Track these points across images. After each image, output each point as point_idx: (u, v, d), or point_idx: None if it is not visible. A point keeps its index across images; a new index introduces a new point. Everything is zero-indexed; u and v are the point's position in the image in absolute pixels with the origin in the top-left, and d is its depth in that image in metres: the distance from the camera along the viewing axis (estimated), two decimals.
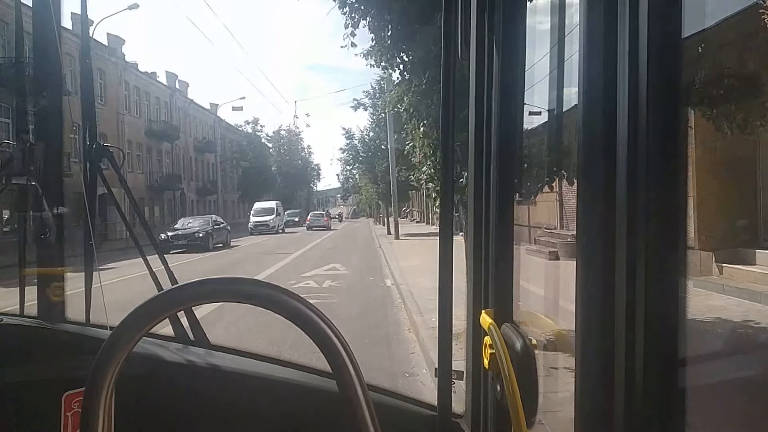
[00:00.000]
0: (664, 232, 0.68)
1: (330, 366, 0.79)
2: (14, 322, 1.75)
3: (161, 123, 43.27)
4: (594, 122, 0.76)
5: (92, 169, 1.84)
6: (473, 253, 1.41)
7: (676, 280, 0.69)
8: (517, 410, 1.02)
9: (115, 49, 35.70)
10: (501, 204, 1.26)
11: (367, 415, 0.79)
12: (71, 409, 1.48)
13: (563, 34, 1.28)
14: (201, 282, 0.82)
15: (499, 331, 1.18)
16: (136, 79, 39.77)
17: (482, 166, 1.34)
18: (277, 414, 1.53)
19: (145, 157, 40.83)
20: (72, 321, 1.81)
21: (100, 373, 0.78)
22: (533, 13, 1.37)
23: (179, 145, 46.35)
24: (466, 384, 1.49)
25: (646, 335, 0.68)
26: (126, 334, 0.79)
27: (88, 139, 1.84)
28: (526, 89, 1.46)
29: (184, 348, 1.76)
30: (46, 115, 1.86)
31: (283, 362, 1.72)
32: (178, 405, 1.53)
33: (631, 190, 0.69)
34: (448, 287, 1.49)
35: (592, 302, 0.76)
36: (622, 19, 0.70)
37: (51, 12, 1.79)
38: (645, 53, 0.67)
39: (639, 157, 0.68)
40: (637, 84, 0.68)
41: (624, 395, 0.70)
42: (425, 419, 1.54)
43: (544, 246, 10.07)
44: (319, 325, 0.79)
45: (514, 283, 1.30)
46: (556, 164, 2.95)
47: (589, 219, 0.78)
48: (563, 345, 2.35)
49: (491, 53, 1.29)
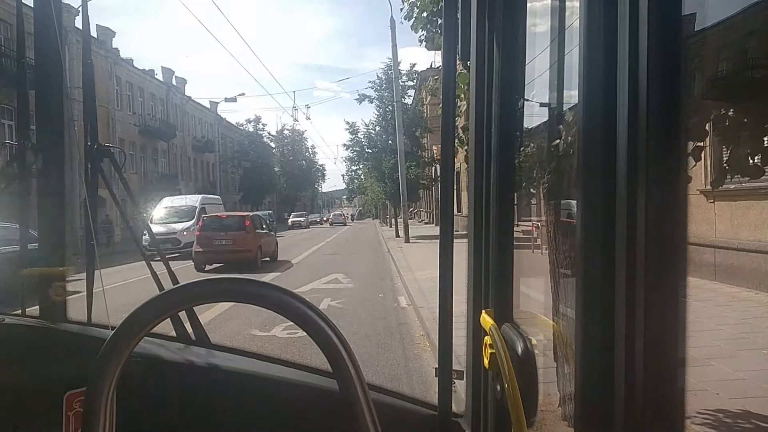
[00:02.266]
0: (664, 232, 0.68)
1: (330, 365, 0.80)
2: (16, 322, 1.76)
3: (157, 121, 41.79)
4: (594, 122, 0.76)
5: (93, 169, 1.84)
6: (473, 253, 1.41)
7: (676, 280, 0.69)
8: (517, 410, 1.02)
9: (105, 42, 34.62)
10: (501, 204, 1.27)
11: (368, 414, 0.79)
12: (73, 409, 1.49)
13: (563, 34, 1.28)
14: (201, 282, 0.82)
15: (499, 331, 1.19)
16: (128, 75, 38.57)
17: (482, 166, 1.35)
18: (277, 413, 1.53)
19: (139, 156, 39.41)
20: (73, 321, 1.81)
21: (102, 373, 0.78)
22: (533, 12, 1.37)
23: (176, 144, 45.28)
24: (466, 384, 1.49)
25: (646, 335, 0.68)
26: (127, 333, 0.80)
27: (89, 139, 1.84)
28: (526, 87, 1.47)
29: (185, 348, 1.76)
30: (47, 116, 1.86)
31: (284, 362, 1.72)
32: (179, 404, 1.54)
33: (630, 190, 0.69)
34: (448, 287, 1.49)
35: (592, 302, 0.76)
36: (622, 19, 0.70)
37: (52, 13, 1.79)
38: (645, 53, 0.67)
39: (639, 157, 0.68)
40: (637, 84, 0.68)
41: (624, 395, 0.70)
42: (425, 419, 1.54)
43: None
44: (319, 325, 0.79)
45: (515, 283, 1.30)
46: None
47: (589, 219, 0.78)
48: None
49: (491, 53, 1.29)
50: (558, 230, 3.01)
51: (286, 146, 68.82)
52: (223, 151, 57.28)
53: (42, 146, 1.86)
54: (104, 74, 34.06)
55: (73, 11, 17.41)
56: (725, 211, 6.93)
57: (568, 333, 1.75)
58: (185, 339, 1.78)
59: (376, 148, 32.19)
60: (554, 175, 2.28)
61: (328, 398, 1.45)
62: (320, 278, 13.12)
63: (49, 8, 1.80)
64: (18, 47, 2.08)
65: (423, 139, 31.92)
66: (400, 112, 25.77)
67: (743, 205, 6.62)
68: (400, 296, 10.45)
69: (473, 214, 1.41)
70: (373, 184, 36.62)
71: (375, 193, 38.42)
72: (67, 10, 16.58)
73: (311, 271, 15.01)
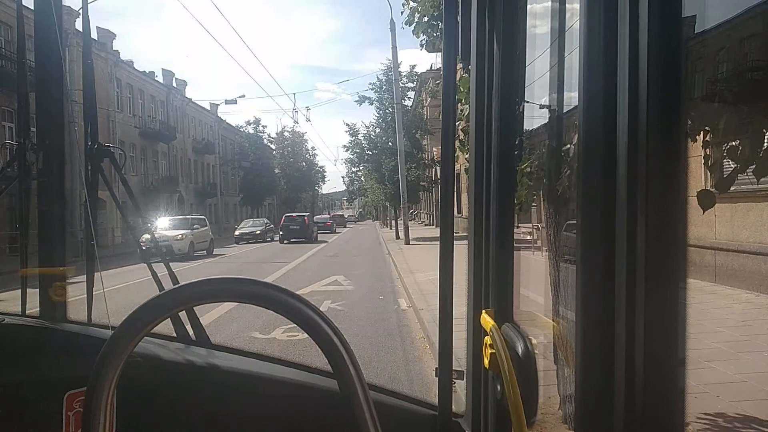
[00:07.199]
0: (664, 232, 0.68)
1: (331, 365, 0.80)
2: (16, 322, 1.76)
3: (157, 123, 41.92)
4: (594, 124, 0.76)
5: (93, 169, 1.84)
6: (473, 253, 1.41)
7: (676, 281, 0.69)
8: (517, 410, 1.02)
9: (105, 44, 34.78)
10: (501, 204, 1.27)
11: (368, 414, 0.79)
12: (73, 409, 1.49)
13: (563, 34, 1.29)
14: (201, 282, 0.82)
15: (499, 331, 1.19)
16: (129, 77, 38.69)
17: (482, 166, 1.35)
18: (278, 414, 1.53)
19: (139, 158, 39.54)
20: (74, 321, 1.81)
21: (102, 373, 0.78)
22: (533, 14, 1.38)
23: (177, 146, 45.39)
24: (467, 384, 1.49)
25: (646, 335, 0.68)
26: (127, 333, 0.80)
27: (89, 139, 1.84)
28: (526, 89, 1.47)
29: (185, 348, 1.76)
30: (48, 116, 1.86)
31: (284, 362, 1.72)
32: (179, 405, 1.54)
33: (630, 191, 0.69)
34: (449, 288, 1.49)
35: (592, 302, 0.76)
36: (622, 19, 0.70)
37: (53, 15, 1.80)
38: (645, 53, 0.68)
39: (639, 157, 0.68)
40: (637, 84, 0.69)
41: (624, 395, 0.70)
42: (425, 419, 1.54)
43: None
44: (319, 325, 0.80)
45: (515, 283, 1.30)
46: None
47: (589, 219, 0.78)
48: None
49: (491, 53, 1.29)
50: (558, 231, 3.01)
51: (287, 148, 68.75)
52: (224, 153, 57.31)
53: (42, 147, 1.86)
54: (105, 76, 34.10)
55: (73, 13, 17.41)
56: (725, 212, 6.92)
57: (568, 334, 1.75)
58: (185, 339, 1.78)
59: (376, 150, 32.20)
60: (555, 177, 2.28)
61: (328, 398, 1.45)
62: (320, 280, 13.10)
63: (49, 10, 1.81)
64: (18, 49, 2.08)
65: (423, 141, 31.91)
66: (400, 114, 25.76)
67: (743, 207, 6.62)
68: (401, 298, 10.38)
69: (473, 213, 1.41)
70: (374, 185, 36.39)
71: (375, 195, 38.00)
72: (67, 12, 16.57)
73: (311, 273, 14.96)
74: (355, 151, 33.94)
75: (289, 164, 67.54)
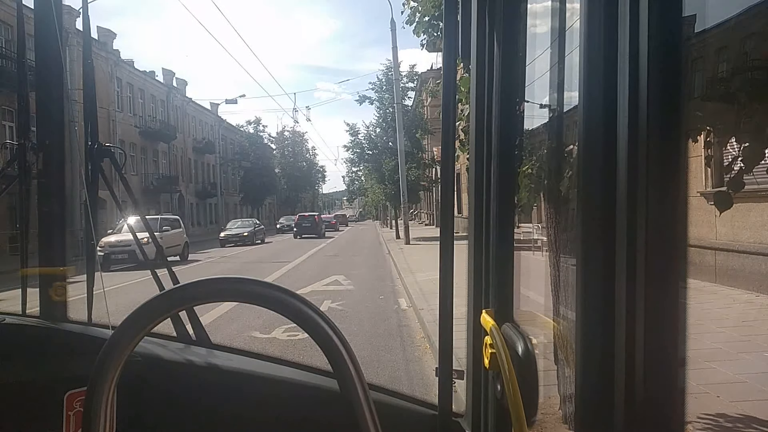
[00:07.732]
0: (664, 233, 0.68)
1: (331, 365, 0.80)
2: (16, 322, 1.76)
3: (157, 122, 41.93)
4: (594, 122, 0.76)
5: (93, 169, 1.84)
6: (474, 253, 1.41)
7: (676, 281, 0.69)
8: (517, 410, 1.02)
9: (106, 44, 34.80)
10: (501, 204, 1.27)
11: (368, 414, 0.79)
12: (73, 409, 1.49)
13: (564, 34, 1.28)
14: (202, 282, 0.82)
15: (499, 331, 1.19)
16: (129, 76, 38.71)
17: (482, 166, 1.35)
18: (278, 413, 1.53)
19: (139, 157, 39.56)
20: (74, 321, 1.81)
21: (102, 373, 0.78)
22: (534, 14, 1.38)
23: (177, 146, 45.43)
24: (467, 384, 1.49)
25: (646, 335, 0.68)
26: (128, 333, 0.80)
27: (90, 139, 1.84)
28: (526, 89, 1.47)
29: (185, 348, 1.76)
30: (48, 116, 1.86)
31: (285, 362, 1.72)
32: (179, 404, 1.54)
33: (631, 191, 0.69)
34: (449, 288, 1.49)
35: (592, 302, 0.76)
36: (622, 19, 0.70)
37: (53, 14, 1.80)
38: (645, 53, 0.68)
39: (639, 158, 0.68)
40: (637, 84, 0.69)
41: (624, 395, 0.70)
42: (425, 419, 1.54)
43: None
44: (319, 324, 0.79)
45: (515, 282, 1.30)
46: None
47: (589, 219, 0.78)
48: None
49: (491, 53, 1.29)
50: (558, 231, 3.01)
51: (287, 147, 68.80)
52: (224, 152, 57.32)
53: (42, 147, 1.86)
54: (105, 76, 34.09)
55: (73, 13, 17.43)
56: (726, 213, 6.92)
57: (568, 334, 1.75)
58: (185, 339, 1.78)
59: (376, 150, 32.21)
60: (556, 177, 2.28)
61: (328, 398, 1.45)
62: (320, 280, 13.09)
63: (49, 10, 1.81)
64: (19, 49, 2.09)
65: (423, 140, 31.92)
66: (400, 114, 25.74)
67: (744, 207, 6.61)
68: (401, 298, 10.34)
69: (473, 213, 1.41)
70: (374, 185, 36.32)
71: (375, 195, 37.98)
72: (67, 11, 16.59)
73: (311, 273, 14.93)
74: (356, 150, 33.99)
75: (289, 164, 67.61)
